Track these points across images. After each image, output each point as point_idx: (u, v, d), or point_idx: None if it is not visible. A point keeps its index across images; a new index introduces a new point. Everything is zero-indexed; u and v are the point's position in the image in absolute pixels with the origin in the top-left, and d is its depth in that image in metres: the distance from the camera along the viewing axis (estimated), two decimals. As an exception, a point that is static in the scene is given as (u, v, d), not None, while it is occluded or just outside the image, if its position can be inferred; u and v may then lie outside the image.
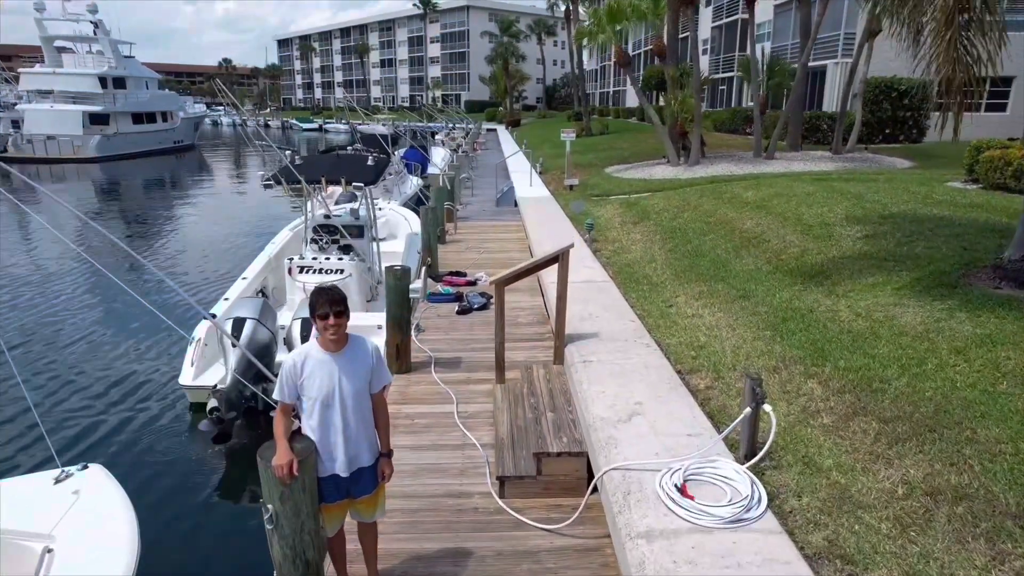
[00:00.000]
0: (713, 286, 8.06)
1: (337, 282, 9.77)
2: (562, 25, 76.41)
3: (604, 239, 11.66)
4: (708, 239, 10.23)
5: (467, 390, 6.85)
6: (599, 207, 15.06)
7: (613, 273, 9.40)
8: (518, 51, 70.56)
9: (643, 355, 6.28)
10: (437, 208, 13.59)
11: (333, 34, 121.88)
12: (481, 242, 14.38)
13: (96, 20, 46.47)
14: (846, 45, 25.13)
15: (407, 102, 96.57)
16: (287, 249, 11.68)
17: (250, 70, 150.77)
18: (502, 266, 12.71)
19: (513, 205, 18.57)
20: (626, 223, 12.68)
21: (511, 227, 15.88)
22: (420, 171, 27.18)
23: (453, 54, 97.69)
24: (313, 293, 3.44)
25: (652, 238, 11.09)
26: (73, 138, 43.76)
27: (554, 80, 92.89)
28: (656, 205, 13.78)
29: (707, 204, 12.60)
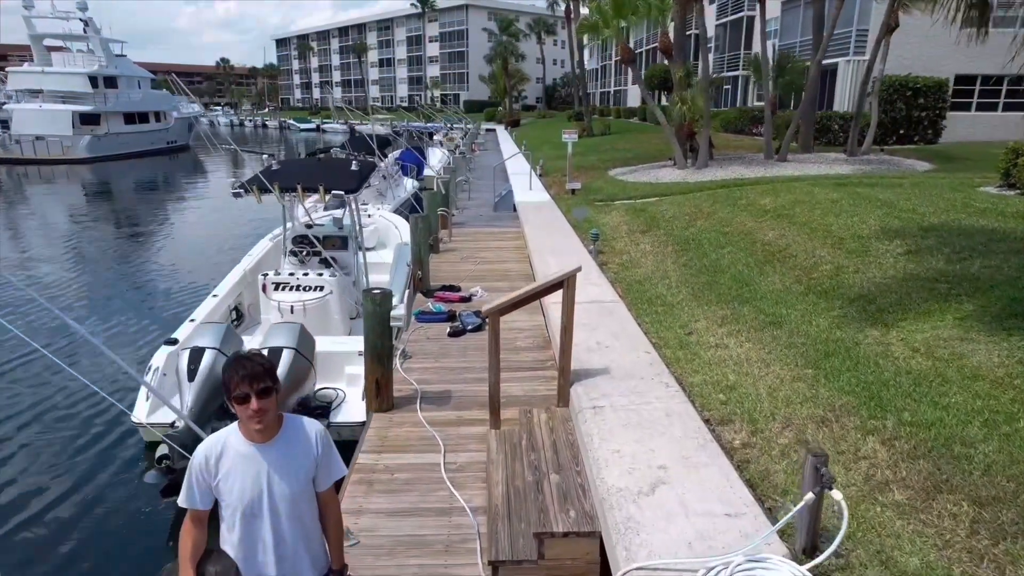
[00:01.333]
0: (737, 309, 7.11)
1: (316, 301, 8.83)
2: (562, 24, 75.50)
3: (610, 250, 10.71)
4: (727, 252, 9.27)
5: (457, 434, 5.90)
6: (603, 213, 14.11)
7: (622, 291, 8.45)
8: (517, 50, 69.65)
9: (663, 398, 5.33)
10: (429, 216, 12.66)
11: (331, 33, 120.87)
12: (477, 251, 13.43)
13: (86, 18, 45.47)
14: (858, 42, 24.19)
15: (406, 102, 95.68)
16: (265, 262, 10.73)
17: (248, 70, 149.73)
18: (500, 279, 11.77)
19: (512, 210, 17.62)
20: (634, 232, 11.73)
21: (509, 234, 14.93)
22: (416, 173, 26.27)
23: (452, 53, 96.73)
24: (228, 364, 2.49)
25: (663, 250, 10.14)
26: (62, 138, 42.79)
27: (554, 80, 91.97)
28: (666, 212, 12.82)
29: (722, 211, 11.65)
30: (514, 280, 11.09)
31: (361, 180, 9.38)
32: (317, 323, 8.75)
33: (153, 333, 10.66)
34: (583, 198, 16.40)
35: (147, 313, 11.97)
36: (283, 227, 10.25)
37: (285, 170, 9.59)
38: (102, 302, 12.60)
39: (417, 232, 10.31)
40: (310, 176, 9.15)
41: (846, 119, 23.66)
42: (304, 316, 8.73)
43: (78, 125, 44.44)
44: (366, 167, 10.13)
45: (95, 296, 13.06)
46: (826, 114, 23.92)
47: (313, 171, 9.57)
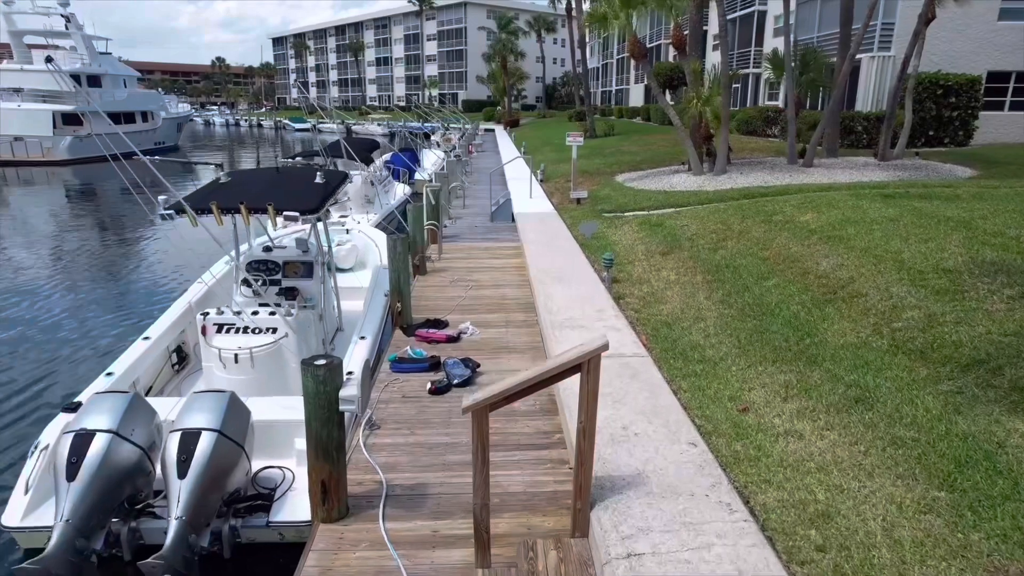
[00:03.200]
0: (804, 372, 5.40)
1: (266, 348, 7.13)
2: (563, 22, 73.80)
3: (626, 277, 9.00)
4: (772, 285, 7.56)
5: (431, 564, 4.20)
6: (614, 228, 12.40)
7: (647, 338, 6.74)
8: (517, 48, 67.94)
9: (728, 536, 3.61)
10: (410, 236, 10.94)
11: (328, 32, 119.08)
12: (470, 271, 11.71)
13: (67, 14, 43.69)
14: (883, 37, 22.48)
15: (403, 101, 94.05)
16: (215, 292, 9.03)
17: (244, 69, 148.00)
18: (495, 308, 10.04)
19: (511, 220, 15.93)
20: (652, 253, 10.02)
21: (507, 250, 13.22)
22: (408, 177, 24.55)
23: (450, 52, 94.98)
24: None
25: (692, 279, 8.43)
26: (42, 139, 41.08)
27: (554, 79, 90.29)
28: (687, 228, 11.11)
29: (755, 230, 9.93)
30: (511, 312, 9.39)
31: (324, 198, 7.66)
32: (268, 376, 7.05)
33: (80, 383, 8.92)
34: (589, 208, 14.70)
35: (87, 354, 10.17)
36: (235, 250, 8.53)
37: (233, 185, 7.87)
38: (42, 331, 10.85)
39: (396, 256, 8.60)
40: (261, 193, 7.45)
41: (870, 119, 21.96)
42: (252, 367, 7.04)
43: (60, 125, 42.72)
44: (334, 180, 8.40)
45: (36, 323, 11.33)
46: (849, 114, 22.21)
47: (266, 187, 7.85)
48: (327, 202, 7.73)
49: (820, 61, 18.45)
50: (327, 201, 7.73)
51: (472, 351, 7.99)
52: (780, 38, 31.82)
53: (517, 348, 7.96)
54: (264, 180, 8.04)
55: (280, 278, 8.39)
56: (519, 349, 7.92)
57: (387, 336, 8.69)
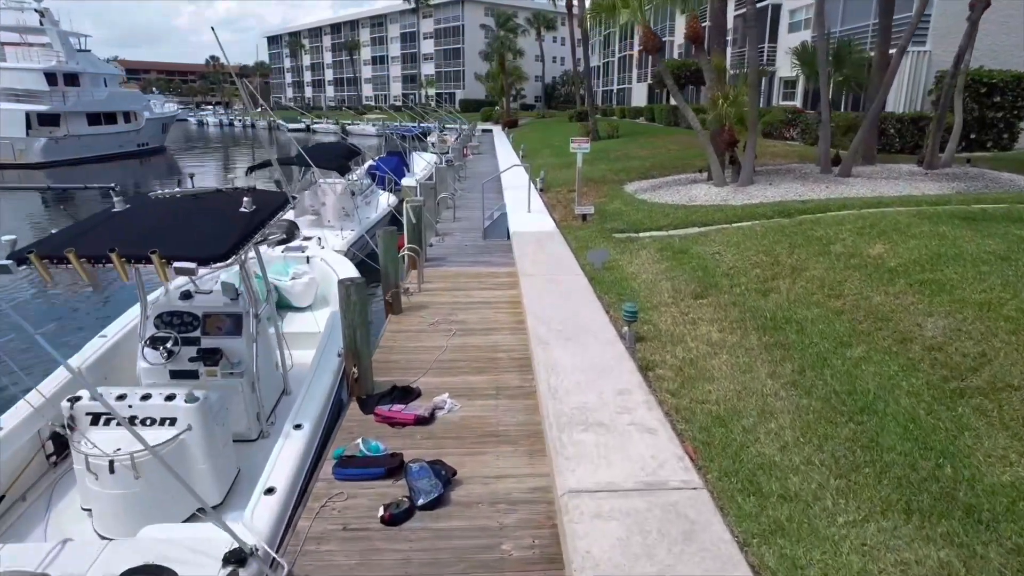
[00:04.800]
0: (967, 540, 3.32)
1: (168, 446, 5.04)
2: (563, 20, 71.66)
3: (653, 332, 6.91)
4: (860, 357, 5.46)
5: None
6: (628, 254, 10.31)
7: (695, 450, 4.64)
8: (515, 46, 65.81)
9: None
10: (383, 267, 8.86)
11: (323, 30, 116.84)
12: (456, 308, 9.61)
13: (41, 9, 41.50)
14: (919, 30, 20.37)
15: (400, 101, 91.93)
16: (116, 356, 6.92)
17: (239, 68, 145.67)
18: (483, 366, 7.83)
19: (506, 237, 13.84)
20: (683, 294, 7.92)
21: (501, 278, 11.11)
22: (395, 184, 22.43)
23: (447, 51, 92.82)
24: None
25: (742, 338, 6.33)
26: (14, 141, 38.93)
27: (554, 78, 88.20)
28: (722, 258, 9.01)
29: (813, 265, 7.83)
30: (504, 371, 7.30)
31: (243, 237, 5.54)
32: (158, 492, 4.97)
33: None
34: (597, 227, 12.60)
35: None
36: (140, 301, 6.42)
37: (119, 221, 5.76)
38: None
39: (350, 306, 6.50)
40: (149, 233, 5.34)
41: (904, 121, 19.88)
42: (136, 478, 4.94)
43: (35, 126, 40.61)
44: (265, 209, 6.27)
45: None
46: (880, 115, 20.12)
47: (165, 223, 5.72)
48: (246, 242, 5.61)
49: (857, 56, 16.37)
50: (247, 240, 5.61)
51: (449, 439, 5.94)
52: (796, 34, 29.79)
53: (510, 435, 5.88)
54: (165, 213, 5.90)
55: (199, 335, 6.28)
56: (512, 437, 5.84)
57: (337, 413, 6.61)
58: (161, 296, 6.67)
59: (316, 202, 15.73)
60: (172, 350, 6.08)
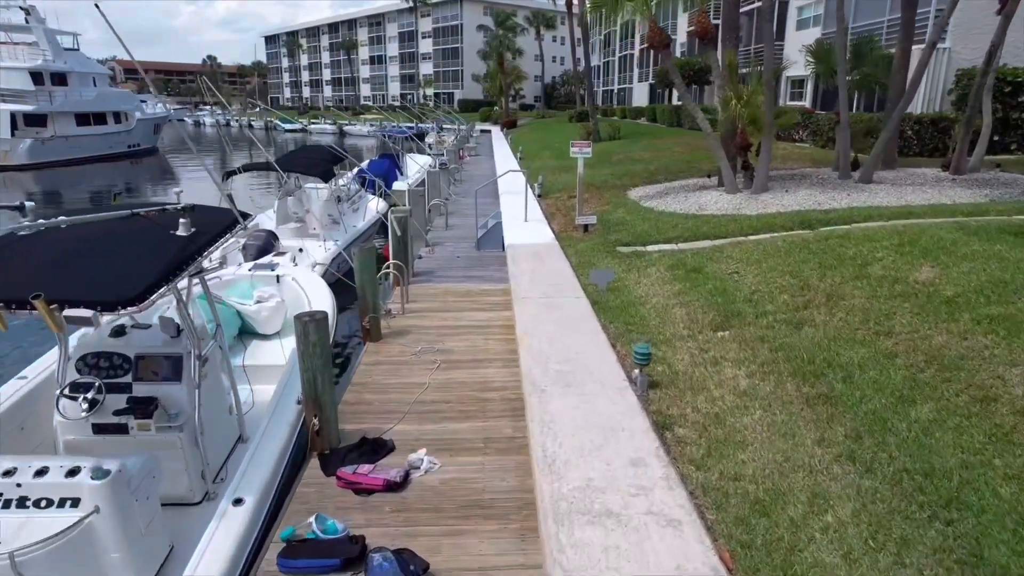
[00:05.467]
0: None
1: (65, 536, 3.98)
2: (562, 19, 70.59)
3: (668, 375, 5.86)
4: (930, 419, 4.40)
5: None
6: (636, 272, 9.27)
7: (731, 556, 3.59)
8: (514, 45, 64.73)
9: None
10: (359, 288, 7.79)
11: (321, 30, 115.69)
12: (442, 334, 8.56)
13: (27, 7, 40.41)
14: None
15: (398, 101, 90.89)
16: (39, 399, 5.86)
17: (236, 68, 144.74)
18: (469, 410, 6.61)
19: (500, 248, 12.81)
20: (700, 325, 6.86)
21: (494, 296, 10.07)
22: (385, 188, 21.37)
23: (446, 50, 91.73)
24: None
25: (777, 387, 5.28)
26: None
27: (553, 78, 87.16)
28: (742, 280, 7.96)
29: (851, 292, 6.78)
30: (492, 417, 6.27)
31: (170, 272, 4.50)
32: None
33: None
34: (600, 240, 11.54)
35: None
36: (59, 343, 5.36)
37: (17, 251, 4.71)
38: None
39: (308, 348, 5.45)
40: (47, 270, 4.29)
41: (923, 123, 18.82)
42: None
43: (21, 127, 39.56)
44: (205, 233, 5.21)
45: None
46: (895, 116, 19.05)
47: (71, 255, 4.65)
48: (176, 275, 4.55)
49: (879, 53, 15.28)
50: (176, 274, 4.56)
51: (425, 512, 4.94)
52: (804, 31, 28.74)
53: (498, 507, 4.85)
54: (75, 241, 4.83)
55: (130, 381, 5.23)
56: (501, 510, 4.81)
57: (293, 474, 5.56)
58: (90, 332, 5.60)
59: (300, 209, 14.70)
60: (96, 399, 5.04)
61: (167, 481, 5.06)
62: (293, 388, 5.96)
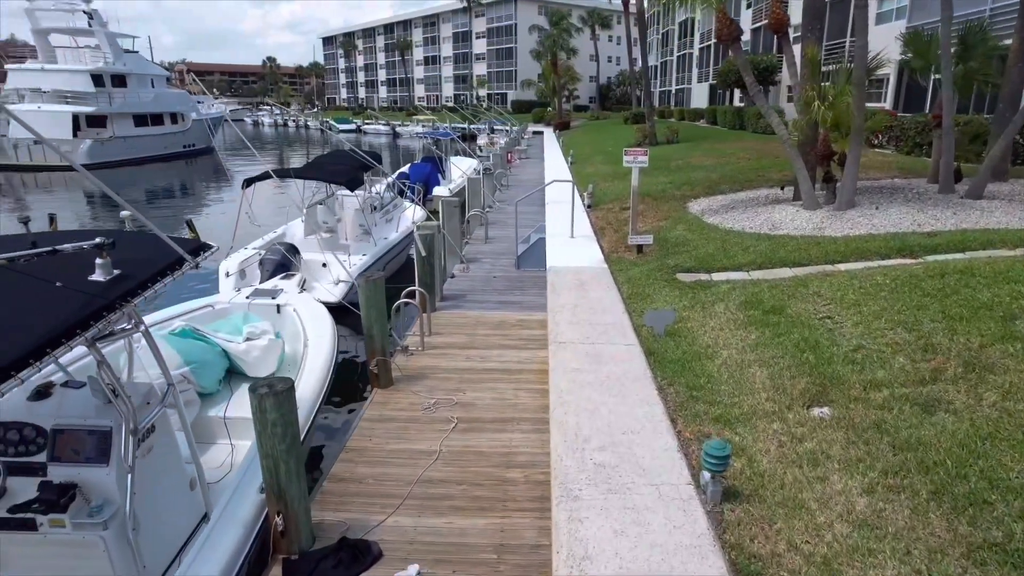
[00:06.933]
0: None
1: None
2: (619, 19, 68.46)
3: (751, 482, 4.30)
4: None
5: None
6: (700, 311, 7.68)
7: None
8: (568, 45, 63.03)
9: None
10: (366, 327, 6.43)
11: (376, 31, 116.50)
12: (463, 380, 7.19)
13: (90, 10, 41.20)
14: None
15: (451, 101, 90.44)
16: None
17: (294, 69, 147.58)
18: (488, 502, 5.12)
19: (543, 267, 11.35)
20: (789, 397, 5.25)
21: (531, 329, 8.63)
22: (425, 194, 20.22)
23: (500, 50, 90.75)
24: None
25: (915, 521, 3.68)
26: (60, 143, 38.56)
27: (608, 78, 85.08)
28: (840, 330, 6.28)
29: (1001, 360, 5.04)
30: (513, 510, 4.85)
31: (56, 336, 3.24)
32: None
33: None
34: (656, 264, 9.95)
35: None
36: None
37: None
38: None
39: (266, 429, 4.16)
40: None
41: (1033, 128, 16.36)
42: None
43: (83, 128, 40.32)
44: (135, 275, 3.94)
45: None
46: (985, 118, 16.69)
47: None
48: (70, 339, 3.28)
49: (992, 43, 13.12)
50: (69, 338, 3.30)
51: None
52: (885, 25, 26.20)
53: None
54: None
55: (44, 462, 4.02)
56: None
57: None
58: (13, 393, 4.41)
59: (331, 218, 13.62)
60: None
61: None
62: (256, 471, 4.68)
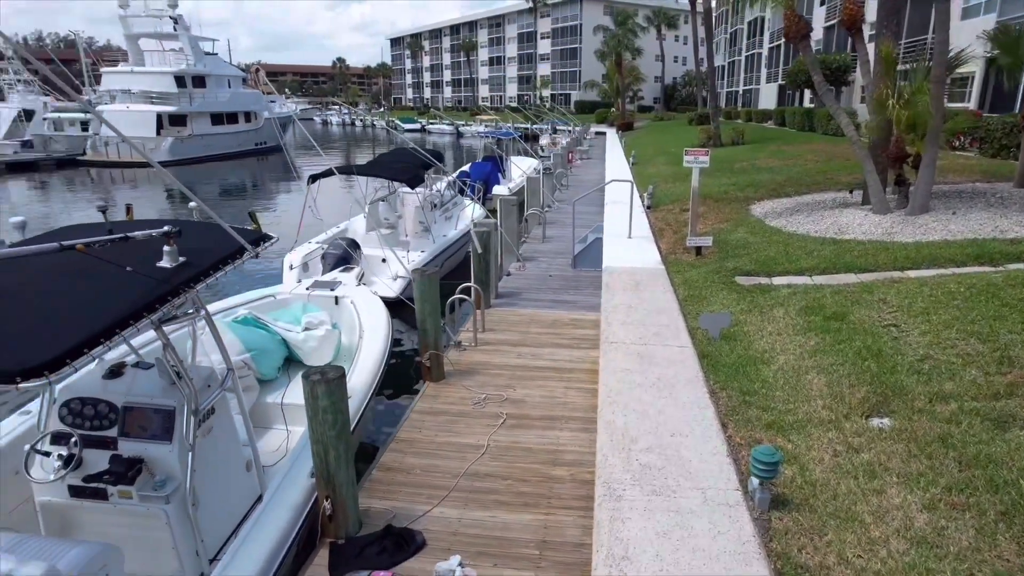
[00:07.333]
0: None
1: None
2: (686, 18, 67.19)
3: (802, 491, 4.18)
4: None
5: None
6: (758, 314, 7.49)
7: None
8: (633, 45, 62.32)
9: None
10: (420, 322, 6.55)
11: (443, 32, 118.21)
12: (514, 377, 7.25)
13: (175, 16, 43.49)
14: None
15: (515, 102, 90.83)
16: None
17: (362, 69, 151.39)
18: (533, 498, 5.14)
19: (599, 267, 11.27)
20: (847, 406, 5.07)
21: (584, 329, 8.62)
22: (484, 193, 20.38)
23: (564, 51, 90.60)
24: None
25: (980, 542, 3.49)
26: (145, 140, 40.83)
27: (674, 79, 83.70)
28: (905, 338, 6.02)
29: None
30: (558, 507, 4.87)
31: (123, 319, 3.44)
32: None
33: None
34: (715, 266, 9.75)
35: None
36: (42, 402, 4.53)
37: None
38: None
39: (318, 415, 4.30)
40: None
41: None
42: None
43: (166, 126, 42.56)
44: (197, 264, 4.15)
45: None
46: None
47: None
48: (113, 335, 3.45)
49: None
50: (136, 319, 3.50)
51: None
52: (971, 20, 24.81)
53: None
54: (27, 274, 3.87)
55: (115, 436, 4.28)
56: None
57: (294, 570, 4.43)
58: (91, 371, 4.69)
59: (392, 215, 13.95)
60: (72, 454, 4.13)
61: (154, 560, 4.12)
62: (308, 457, 4.85)
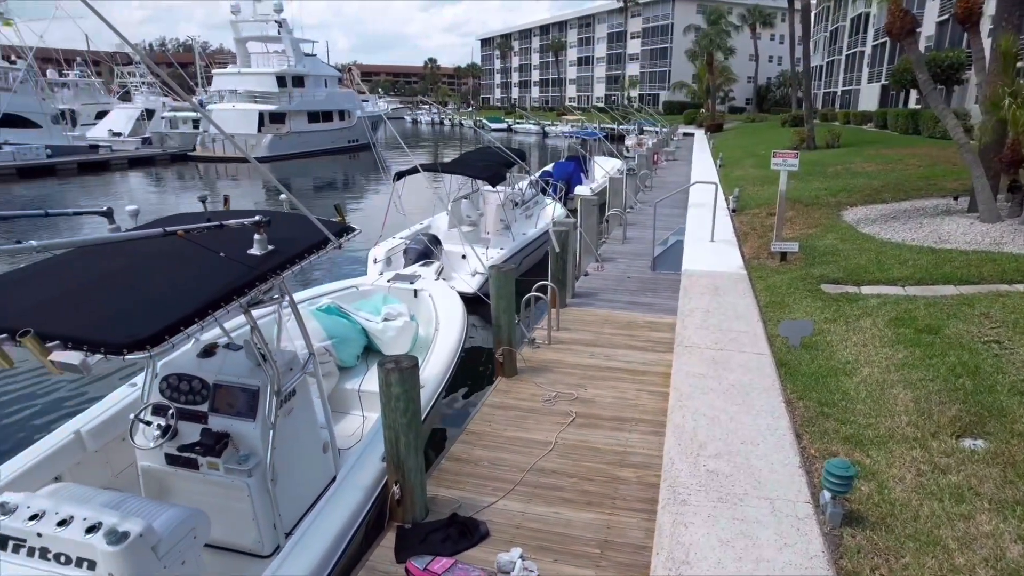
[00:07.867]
0: None
1: None
2: (783, 16, 64.55)
3: (879, 509, 4.00)
4: None
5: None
6: (844, 324, 7.17)
7: None
8: (726, 44, 60.48)
9: None
10: (495, 317, 6.70)
11: (532, 32, 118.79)
12: (585, 376, 7.28)
13: (280, 19, 46.00)
14: None
15: (602, 102, 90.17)
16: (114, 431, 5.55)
17: (453, 70, 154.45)
18: (596, 497, 5.13)
19: (679, 270, 11.08)
20: (935, 424, 4.80)
21: (660, 332, 8.52)
22: (566, 192, 20.39)
23: (654, 50, 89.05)
24: None
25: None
26: (247, 137, 43.37)
27: (768, 79, 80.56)
28: (1009, 356, 5.63)
29: None
30: (621, 508, 4.90)
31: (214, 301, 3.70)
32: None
33: None
34: (800, 272, 9.39)
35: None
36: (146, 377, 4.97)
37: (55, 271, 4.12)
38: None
39: (391, 401, 4.50)
40: (66, 298, 3.57)
41: None
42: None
43: (266, 124, 45.01)
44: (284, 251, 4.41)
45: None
46: None
47: (105, 277, 3.95)
48: (205, 315, 3.70)
49: None
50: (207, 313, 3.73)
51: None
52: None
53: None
54: (124, 259, 4.22)
55: (206, 411, 4.65)
56: None
57: (359, 553, 4.65)
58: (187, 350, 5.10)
59: (474, 212, 14.26)
60: (169, 425, 4.53)
61: (235, 529, 4.46)
62: (381, 442, 5.06)
